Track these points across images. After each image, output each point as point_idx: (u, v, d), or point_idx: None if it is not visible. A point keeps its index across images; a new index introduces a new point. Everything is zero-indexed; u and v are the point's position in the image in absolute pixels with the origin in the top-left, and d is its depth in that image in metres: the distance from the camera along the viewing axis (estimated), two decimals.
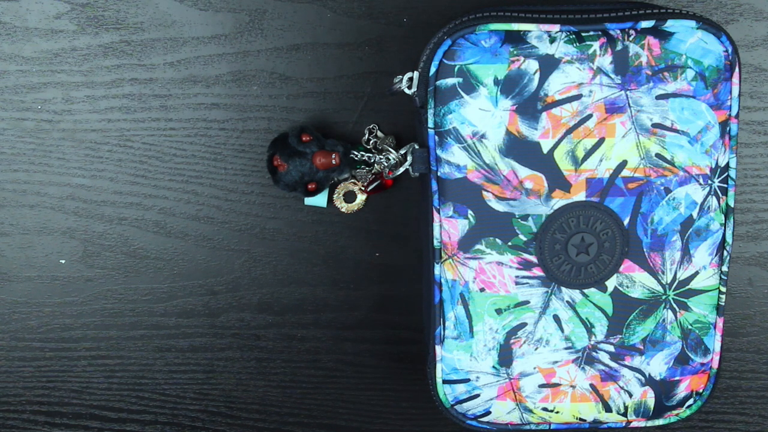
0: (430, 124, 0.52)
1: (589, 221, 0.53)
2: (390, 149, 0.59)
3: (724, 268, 0.54)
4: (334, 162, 0.60)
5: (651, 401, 0.56)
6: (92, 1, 0.60)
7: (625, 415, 0.57)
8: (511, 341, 0.55)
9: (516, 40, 0.51)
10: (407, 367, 0.65)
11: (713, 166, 0.53)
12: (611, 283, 0.54)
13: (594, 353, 0.55)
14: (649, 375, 0.55)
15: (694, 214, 0.53)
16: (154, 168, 0.62)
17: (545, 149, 0.52)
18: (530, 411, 0.56)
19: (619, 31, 0.51)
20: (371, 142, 0.61)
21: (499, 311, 0.54)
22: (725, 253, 0.54)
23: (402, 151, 0.57)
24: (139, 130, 0.61)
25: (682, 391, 0.56)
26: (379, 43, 0.60)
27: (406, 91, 0.53)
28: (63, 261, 0.63)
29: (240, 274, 0.63)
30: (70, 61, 0.60)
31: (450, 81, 0.52)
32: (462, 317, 0.55)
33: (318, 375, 0.65)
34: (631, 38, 0.51)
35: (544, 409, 0.56)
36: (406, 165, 0.56)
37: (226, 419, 0.65)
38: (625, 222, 0.53)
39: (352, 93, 0.61)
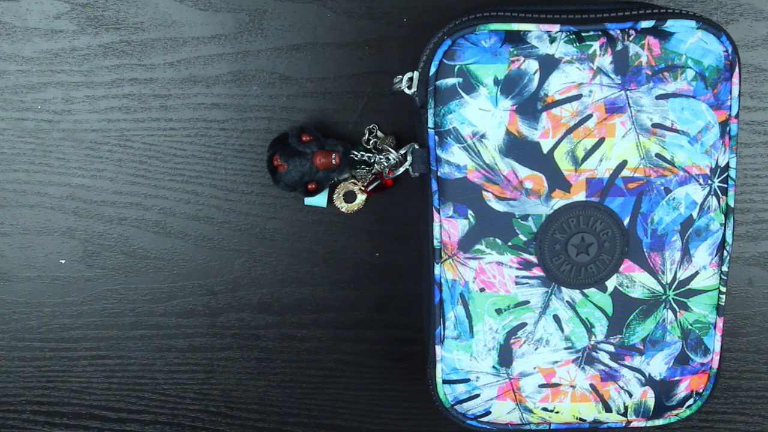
0: (430, 124, 0.52)
1: (589, 221, 0.53)
2: (390, 149, 0.59)
3: (724, 268, 0.54)
4: (334, 162, 0.60)
5: (651, 401, 0.56)
6: (92, 1, 0.60)
7: (625, 415, 0.57)
8: (511, 341, 0.55)
9: (516, 40, 0.51)
10: (407, 367, 0.65)
11: (713, 166, 0.53)
12: (611, 283, 0.54)
13: (594, 353, 0.55)
14: (649, 375, 0.55)
15: (694, 214, 0.53)
16: (154, 168, 0.62)
17: (545, 149, 0.52)
18: (530, 411, 0.56)
19: (619, 31, 0.51)
20: (371, 142, 0.61)
21: (499, 311, 0.54)
22: (725, 253, 0.54)
23: (402, 151, 0.57)
24: (139, 130, 0.61)
25: (682, 391, 0.56)
26: (379, 43, 0.60)
27: (406, 91, 0.53)
28: (63, 261, 0.63)
29: (240, 274, 0.63)
30: (70, 61, 0.60)
31: (450, 81, 0.52)
32: (462, 317, 0.55)
33: (318, 375, 0.65)
34: (631, 38, 0.51)
35: (544, 409, 0.56)
36: (406, 165, 0.56)
37: (226, 419, 0.65)
38: (625, 222, 0.53)
39: (352, 93, 0.61)
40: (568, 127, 0.52)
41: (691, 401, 0.57)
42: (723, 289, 0.55)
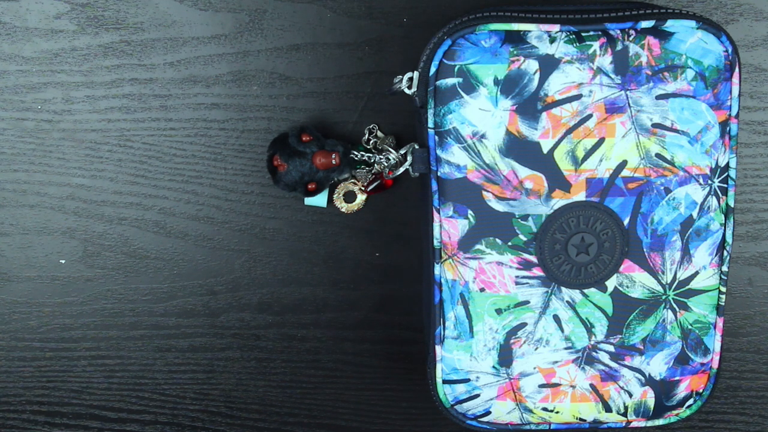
0: (430, 124, 0.52)
1: (589, 221, 0.53)
2: (390, 149, 0.59)
3: (724, 268, 0.54)
4: (334, 162, 0.60)
5: (651, 401, 0.56)
6: (92, 1, 0.60)
7: (625, 415, 0.57)
8: (511, 341, 0.55)
9: (516, 40, 0.51)
10: (407, 367, 0.65)
11: (713, 166, 0.53)
12: (611, 283, 0.54)
13: (594, 353, 0.55)
14: (649, 375, 0.55)
15: (694, 214, 0.53)
16: (154, 168, 0.62)
17: (545, 149, 0.52)
18: (530, 411, 0.56)
19: (619, 31, 0.51)
20: (371, 142, 0.61)
21: (499, 311, 0.54)
22: (725, 253, 0.54)
23: (402, 151, 0.57)
24: (139, 130, 0.61)
25: (682, 391, 0.56)
26: (379, 43, 0.60)
27: (406, 91, 0.53)
28: (63, 261, 0.63)
29: (240, 274, 0.63)
30: (70, 61, 0.60)
31: (450, 81, 0.52)
32: (462, 317, 0.55)
33: (318, 375, 0.65)
34: (631, 38, 0.51)
35: (544, 409, 0.56)
36: (406, 165, 0.56)
37: (226, 419, 0.65)
38: (625, 222, 0.53)
39: (352, 93, 0.61)
40: (568, 127, 0.52)
41: (691, 401, 0.57)
42: (723, 289, 0.55)
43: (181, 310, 0.64)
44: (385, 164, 0.59)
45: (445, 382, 0.56)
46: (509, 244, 0.53)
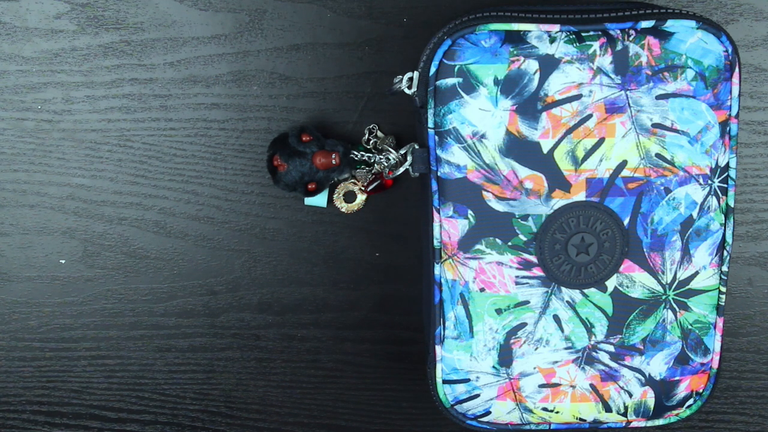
0: (430, 124, 0.52)
1: (589, 221, 0.53)
2: (390, 149, 0.59)
3: (724, 268, 0.54)
4: (334, 162, 0.60)
5: (651, 401, 0.56)
6: (92, 1, 0.60)
7: (625, 415, 0.57)
8: (511, 341, 0.55)
9: (516, 40, 0.51)
10: (407, 367, 0.65)
11: (713, 166, 0.53)
12: (611, 283, 0.54)
13: (594, 353, 0.55)
14: (649, 375, 0.56)
15: (694, 214, 0.53)
16: (154, 168, 0.62)
17: (545, 149, 0.52)
18: (530, 411, 0.56)
19: (619, 31, 0.51)
20: (371, 142, 0.61)
21: (499, 311, 0.54)
22: (725, 253, 0.54)
23: (402, 151, 0.57)
24: (139, 130, 0.61)
25: (682, 391, 0.56)
26: (379, 43, 0.60)
27: (406, 91, 0.53)
28: (63, 261, 0.63)
29: (240, 274, 0.63)
30: (70, 61, 0.60)
31: (450, 81, 0.52)
32: (462, 317, 0.55)
33: (318, 375, 0.65)
34: (631, 38, 0.51)
35: (544, 409, 0.56)
36: (406, 165, 0.56)
37: (226, 419, 0.65)
38: (625, 222, 0.53)
39: (352, 93, 0.61)
40: (568, 127, 0.52)
41: (691, 401, 0.57)
42: (723, 289, 0.55)
43: (181, 310, 0.64)
44: (385, 164, 0.59)
45: (445, 382, 0.56)
46: (509, 244, 0.53)
